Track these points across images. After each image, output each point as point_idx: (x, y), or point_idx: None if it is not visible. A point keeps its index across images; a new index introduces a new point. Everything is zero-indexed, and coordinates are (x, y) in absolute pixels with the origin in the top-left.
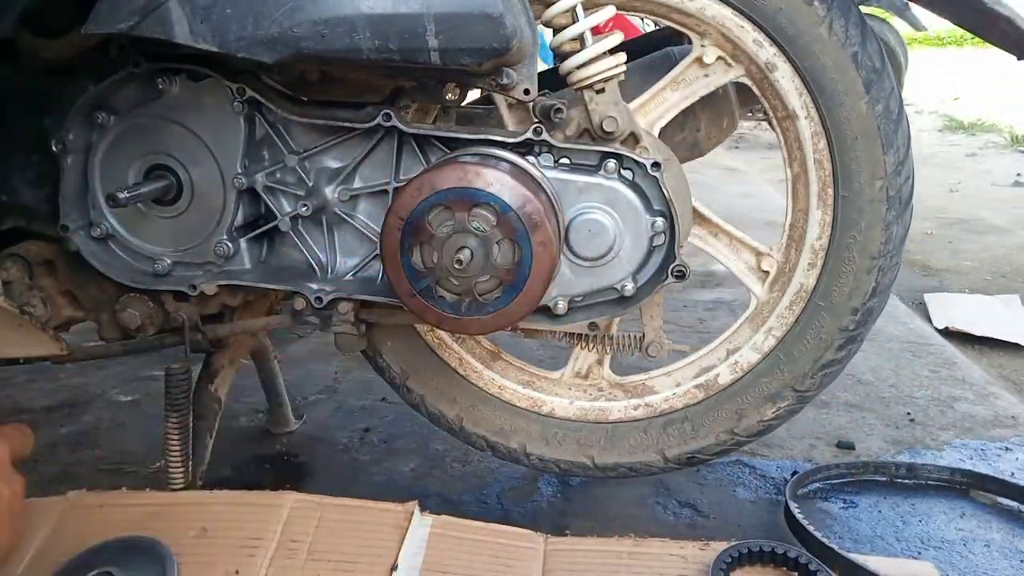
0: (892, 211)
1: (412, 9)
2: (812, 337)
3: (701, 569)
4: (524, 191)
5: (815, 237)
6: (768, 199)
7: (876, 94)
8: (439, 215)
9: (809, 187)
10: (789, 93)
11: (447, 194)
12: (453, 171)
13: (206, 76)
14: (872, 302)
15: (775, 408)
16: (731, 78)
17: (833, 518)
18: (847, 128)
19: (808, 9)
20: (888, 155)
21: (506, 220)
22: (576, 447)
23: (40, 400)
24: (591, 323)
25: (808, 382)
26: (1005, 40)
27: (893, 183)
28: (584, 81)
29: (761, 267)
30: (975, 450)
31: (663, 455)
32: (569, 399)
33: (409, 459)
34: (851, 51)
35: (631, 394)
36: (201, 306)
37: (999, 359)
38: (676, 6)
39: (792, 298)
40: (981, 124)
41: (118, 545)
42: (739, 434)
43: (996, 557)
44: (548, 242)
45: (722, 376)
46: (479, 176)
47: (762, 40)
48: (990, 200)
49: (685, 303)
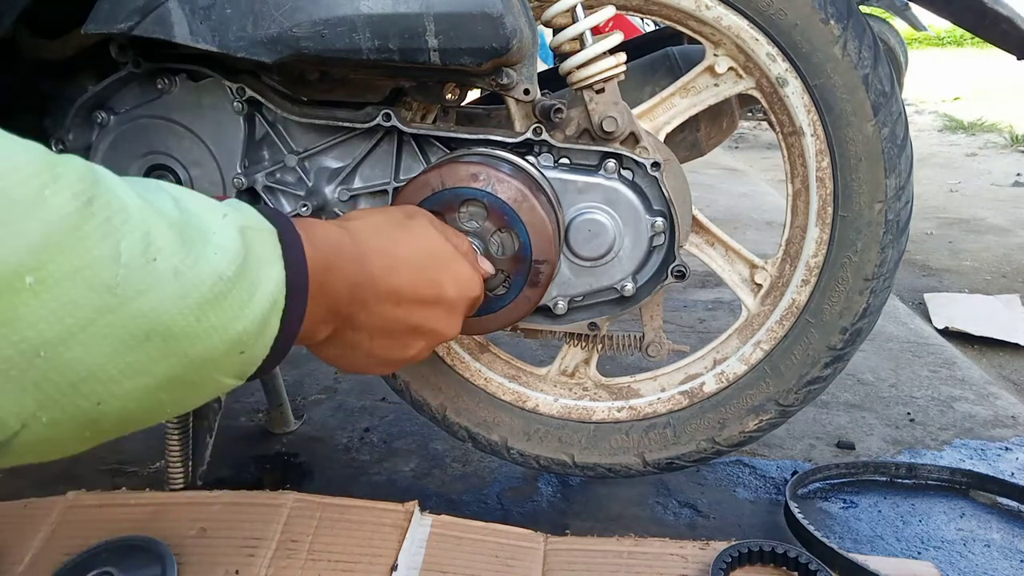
0: (889, 235)
1: (412, 9)
2: (800, 353)
3: (701, 569)
4: (524, 190)
5: (811, 254)
6: (767, 199)
7: (884, 118)
8: (439, 215)
9: (809, 204)
10: (798, 109)
11: (447, 194)
12: (452, 170)
13: (206, 76)
14: (862, 323)
15: (757, 420)
16: (741, 90)
17: (833, 518)
18: (852, 149)
19: (824, 28)
20: (890, 179)
21: (503, 218)
22: (557, 444)
23: None
24: (591, 323)
25: (792, 397)
26: (1005, 40)
27: (892, 207)
28: (584, 81)
29: (754, 279)
30: (975, 450)
31: (643, 458)
32: (554, 396)
33: (409, 459)
34: (863, 73)
35: (616, 396)
36: None
37: (999, 359)
38: (693, 13)
39: (783, 313)
40: (981, 124)
41: (118, 545)
42: (720, 443)
43: (996, 557)
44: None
45: (707, 385)
46: (479, 175)
47: (776, 54)
48: (990, 200)
49: (685, 303)
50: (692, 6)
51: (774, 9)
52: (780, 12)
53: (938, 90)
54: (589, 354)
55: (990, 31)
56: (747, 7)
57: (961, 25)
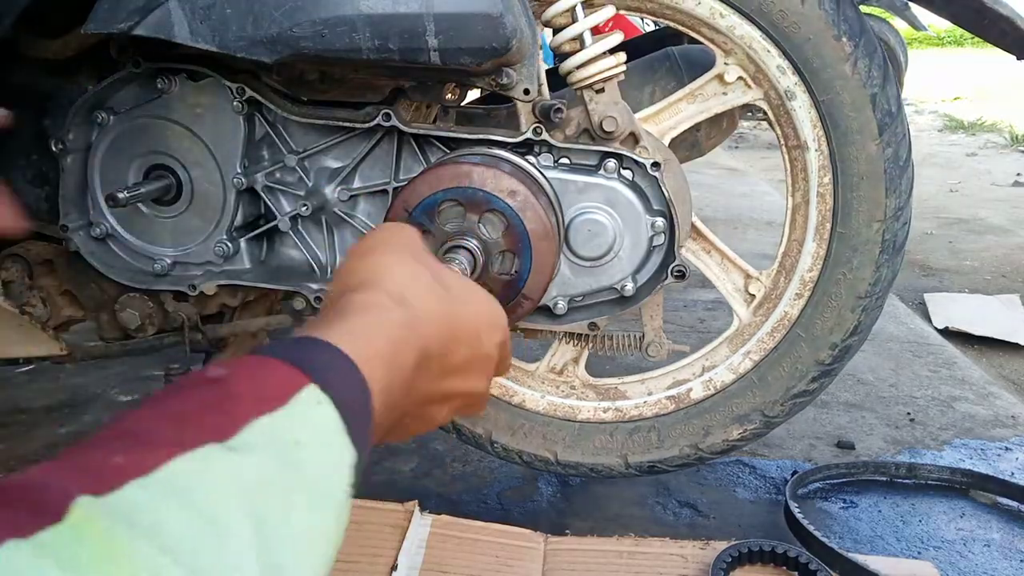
0: (885, 254)
1: (412, 9)
2: (788, 366)
3: (701, 569)
4: (550, 229)
5: (806, 268)
6: (767, 199)
7: (888, 138)
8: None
9: (808, 218)
10: (804, 123)
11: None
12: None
13: (206, 76)
14: (852, 340)
15: (741, 430)
16: (749, 100)
17: (833, 518)
18: (855, 167)
19: (836, 44)
20: (890, 199)
21: (518, 245)
22: (541, 441)
23: (40, 400)
24: (591, 323)
25: (777, 409)
26: (1005, 40)
27: (890, 227)
28: (584, 81)
29: (748, 289)
30: (975, 450)
31: (626, 460)
32: (541, 393)
33: (409, 459)
34: (871, 92)
35: (603, 396)
36: (201, 306)
37: (999, 359)
38: (707, 21)
39: (775, 324)
40: (981, 124)
41: None
42: (703, 450)
43: (996, 557)
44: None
45: (695, 391)
46: (517, 193)
47: (786, 67)
48: (990, 200)
49: (685, 303)
50: (707, 14)
51: (788, 22)
52: (794, 25)
53: (938, 90)
54: (579, 353)
55: (990, 31)
56: (761, 18)
57: (961, 25)
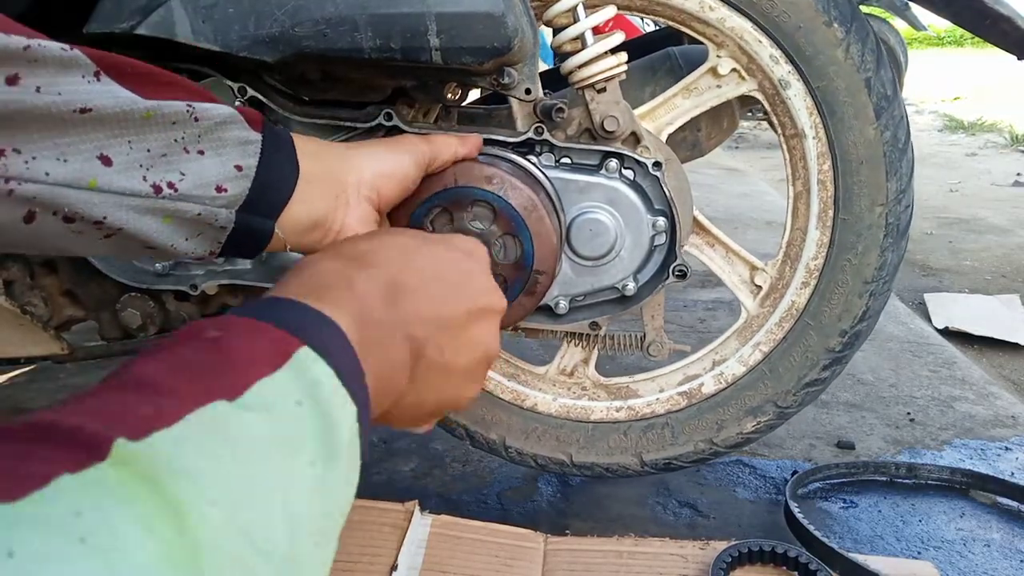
0: (889, 238)
1: (414, 8)
2: (799, 355)
3: (701, 569)
4: (535, 199)
5: (811, 256)
6: (767, 199)
7: (886, 121)
8: (440, 214)
9: (810, 207)
10: (800, 112)
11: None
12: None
13: (207, 76)
14: (861, 326)
15: (755, 422)
16: (743, 91)
17: (833, 518)
18: (853, 152)
19: (827, 30)
20: (891, 182)
21: (511, 224)
22: (555, 443)
23: (40, 400)
24: (592, 322)
25: (790, 399)
26: (1005, 40)
27: (893, 211)
28: (585, 81)
29: (754, 281)
30: (975, 450)
31: (641, 459)
32: (552, 395)
33: (409, 459)
34: (865, 76)
35: (614, 396)
36: (202, 306)
37: (999, 359)
38: (696, 14)
39: (783, 314)
40: (981, 124)
41: None
42: (717, 444)
43: (996, 557)
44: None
45: (706, 386)
46: (493, 178)
47: (779, 56)
48: (990, 200)
49: (685, 303)
50: (696, 7)
51: (778, 11)
52: (784, 14)
53: (938, 90)
54: (588, 354)
55: (990, 31)
56: (751, 9)
57: (961, 25)
